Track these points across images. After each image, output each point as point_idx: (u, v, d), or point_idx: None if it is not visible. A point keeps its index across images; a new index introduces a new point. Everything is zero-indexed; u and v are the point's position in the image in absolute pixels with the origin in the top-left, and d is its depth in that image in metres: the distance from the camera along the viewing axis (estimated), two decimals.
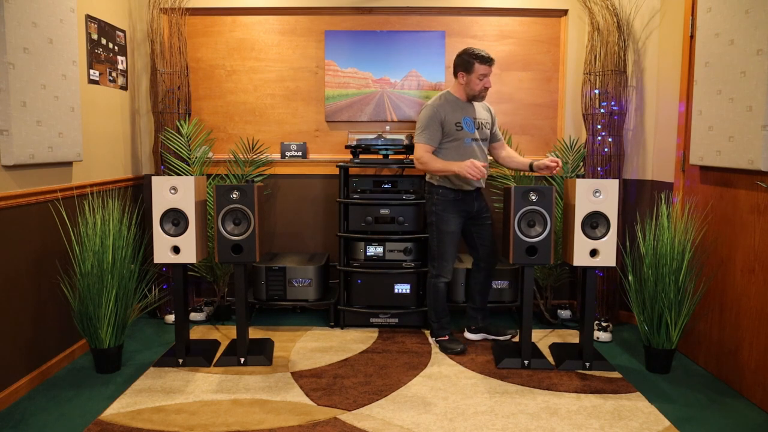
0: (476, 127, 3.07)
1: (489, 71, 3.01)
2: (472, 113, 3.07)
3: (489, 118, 3.17)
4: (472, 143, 3.05)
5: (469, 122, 3.05)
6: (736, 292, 2.67)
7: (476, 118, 3.08)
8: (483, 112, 3.14)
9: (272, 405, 2.47)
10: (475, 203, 3.15)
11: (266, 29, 3.83)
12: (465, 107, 3.06)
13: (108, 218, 2.79)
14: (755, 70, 2.41)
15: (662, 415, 2.40)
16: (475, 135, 3.06)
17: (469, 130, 3.04)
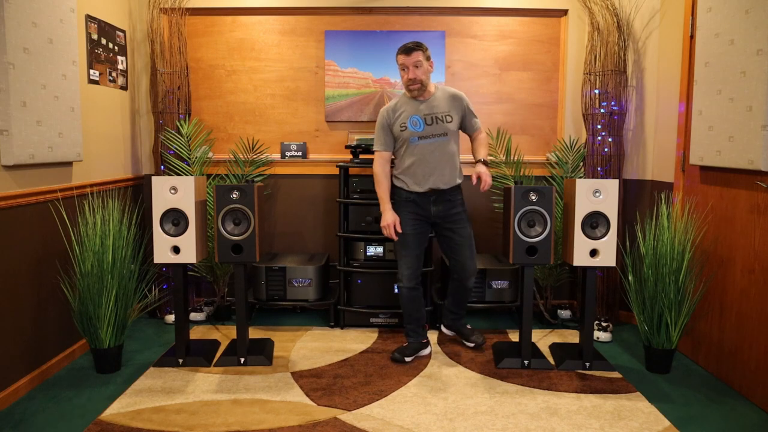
0: (427, 122, 2.85)
1: (408, 61, 2.77)
2: (422, 110, 2.85)
3: (452, 108, 2.88)
4: (420, 142, 2.84)
5: (415, 120, 2.84)
6: (736, 292, 2.67)
7: (428, 113, 2.85)
8: (442, 105, 2.88)
9: (272, 405, 2.47)
10: (432, 207, 2.90)
11: (266, 29, 3.83)
12: (414, 105, 2.86)
13: (108, 218, 2.79)
14: (755, 70, 2.41)
15: (662, 415, 2.40)
16: (422, 132, 2.83)
17: (415, 129, 2.84)
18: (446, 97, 2.90)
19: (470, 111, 2.94)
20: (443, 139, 2.85)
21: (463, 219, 2.94)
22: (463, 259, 2.93)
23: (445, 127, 2.85)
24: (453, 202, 2.91)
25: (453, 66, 3.84)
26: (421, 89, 2.82)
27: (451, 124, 2.86)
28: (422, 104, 2.86)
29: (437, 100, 2.88)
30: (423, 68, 2.79)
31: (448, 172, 2.87)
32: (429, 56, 2.84)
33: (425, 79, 2.82)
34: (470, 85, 3.85)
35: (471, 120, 2.95)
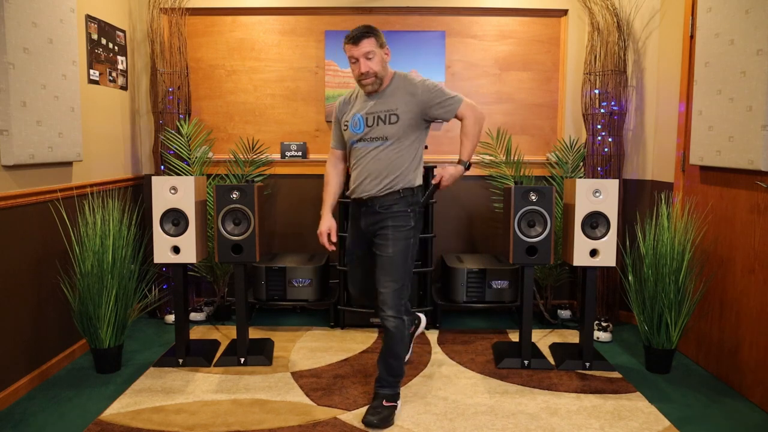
0: (368, 123, 2.37)
1: (357, 52, 2.31)
2: (368, 107, 2.39)
3: (402, 104, 2.35)
4: (358, 145, 2.40)
5: (357, 120, 2.40)
6: (736, 292, 2.67)
7: (371, 112, 2.37)
8: (391, 101, 2.37)
9: (272, 405, 2.47)
10: (362, 220, 2.47)
11: (266, 29, 3.83)
12: (362, 101, 2.44)
13: (108, 218, 2.79)
14: (755, 70, 2.41)
15: (662, 415, 2.40)
16: (361, 135, 2.39)
17: (354, 130, 2.41)
18: (400, 90, 2.38)
19: (435, 100, 2.36)
20: (382, 144, 2.35)
21: (388, 238, 2.36)
22: (379, 284, 2.36)
23: (384, 130, 2.34)
24: (382, 215, 2.39)
25: (453, 66, 3.84)
26: (376, 83, 2.36)
27: (394, 126, 2.33)
28: (372, 100, 2.40)
29: (388, 95, 2.38)
30: (377, 58, 2.32)
31: (383, 181, 2.36)
32: (383, 42, 2.37)
33: (380, 70, 2.34)
34: (470, 85, 3.85)
35: (441, 109, 2.38)
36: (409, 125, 2.36)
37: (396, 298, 2.33)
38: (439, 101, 2.36)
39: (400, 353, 2.39)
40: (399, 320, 2.33)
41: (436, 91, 2.36)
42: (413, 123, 2.37)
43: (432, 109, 2.37)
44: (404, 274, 2.36)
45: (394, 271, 2.34)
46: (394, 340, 2.34)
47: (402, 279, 2.35)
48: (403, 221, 2.39)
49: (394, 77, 2.42)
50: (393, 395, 2.39)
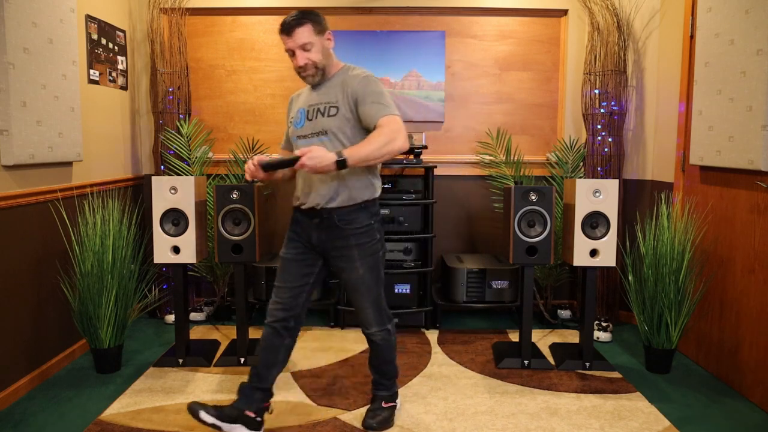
0: (308, 117, 2.14)
1: (292, 43, 2.05)
2: (310, 100, 2.16)
3: (341, 95, 2.10)
4: (299, 143, 2.16)
5: (299, 114, 2.18)
6: (736, 292, 2.67)
7: (312, 105, 2.14)
8: (332, 92, 2.12)
9: (272, 405, 2.47)
10: (313, 234, 2.15)
11: (266, 29, 3.83)
12: (308, 95, 2.20)
13: (108, 218, 2.79)
14: (755, 70, 2.41)
15: (662, 415, 2.40)
16: (302, 131, 2.15)
17: (296, 126, 2.19)
18: (341, 82, 2.12)
19: (366, 97, 2.05)
20: (323, 139, 2.09)
21: (353, 257, 2.14)
22: (356, 307, 2.23)
23: (324, 123, 2.09)
24: (342, 230, 2.12)
25: (453, 66, 3.84)
26: (318, 74, 2.10)
27: (334, 119, 2.08)
28: (314, 93, 2.17)
29: (331, 86, 2.13)
30: (315, 48, 2.06)
31: (336, 186, 2.09)
32: (324, 28, 2.09)
33: (320, 60, 2.07)
34: (470, 85, 3.85)
35: (367, 107, 2.04)
36: (344, 119, 2.08)
37: (377, 314, 2.22)
38: (371, 100, 2.04)
39: (392, 357, 2.32)
40: (385, 331, 2.25)
41: (373, 92, 2.05)
42: (349, 116, 2.09)
43: (360, 105, 2.06)
44: (379, 289, 2.22)
45: (369, 291, 2.19)
46: (385, 349, 2.27)
47: (378, 295, 2.22)
48: (368, 237, 2.16)
49: (341, 69, 2.16)
50: (391, 395, 2.36)
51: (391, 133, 1.98)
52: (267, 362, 2.19)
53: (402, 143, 1.99)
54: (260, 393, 2.19)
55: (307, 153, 1.89)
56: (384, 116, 2.01)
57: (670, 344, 2.82)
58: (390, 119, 2.01)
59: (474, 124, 3.87)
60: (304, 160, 1.89)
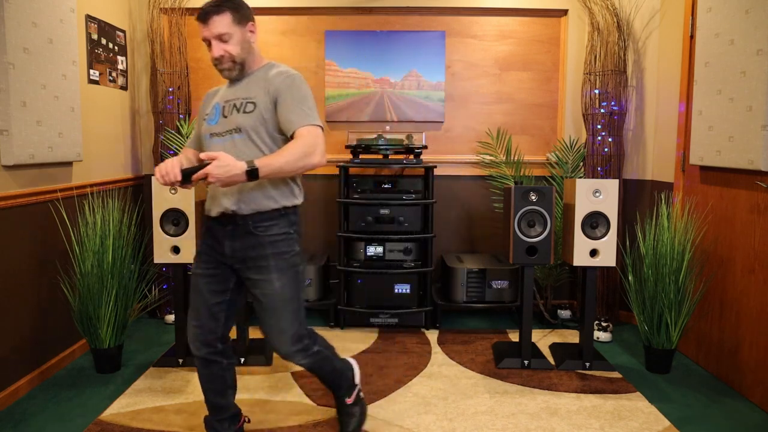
0: (224, 113, 1.93)
1: (208, 33, 1.86)
2: (227, 95, 1.97)
3: (261, 92, 1.90)
4: (212, 141, 1.94)
5: (214, 109, 1.97)
6: (736, 292, 2.67)
7: (229, 100, 1.94)
8: (250, 89, 1.93)
9: (272, 405, 2.47)
10: (227, 243, 1.92)
11: (266, 29, 3.83)
12: (225, 90, 2.01)
13: (108, 218, 2.79)
14: (755, 70, 2.41)
15: (662, 415, 2.40)
16: (215, 127, 1.94)
17: (210, 122, 1.97)
18: (264, 78, 1.93)
19: (288, 99, 1.87)
20: (236, 137, 1.89)
21: (269, 267, 1.89)
22: (265, 328, 1.94)
23: (238, 120, 1.89)
24: (258, 238, 1.88)
25: (453, 66, 3.84)
26: (236, 68, 1.92)
27: (250, 116, 1.88)
28: (232, 88, 1.98)
29: (252, 82, 1.94)
30: (235, 39, 1.87)
31: (251, 190, 1.87)
32: (246, 18, 1.90)
33: (239, 53, 1.89)
34: (470, 85, 3.85)
35: (286, 112, 1.86)
36: (270, 121, 1.89)
37: (297, 340, 1.93)
38: (293, 104, 1.86)
39: (333, 367, 2.09)
40: (310, 355, 1.98)
41: (297, 96, 1.88)
42: (266, 116, 1.89)
43: (280, 106, 1.87)
44: (297, 310, 1.94)
45: (287, 310, 1.90)
46: (321, 370, 2.05)
47: (298, 316, 1.93)
48: (287, 246, 1.91)
49: (265, 65, 1.98)
50: (349, 387, 2.19)
51: (310, 147, 1.81)
52: (217, 393, 2.06)
53: (320, 159, 1.84)
54: (227, 421, 2.10)
55: (215, 160, 1.69)
56: (305, 126, 1.84)
57: (670, 344, 2.82)
58: (311, 131, 1.84)
59: (474, 124, 3.87)
60: (210, 169, 1.69)
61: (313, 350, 1.99)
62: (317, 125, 1.87)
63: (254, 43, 1.95)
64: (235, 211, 1.88)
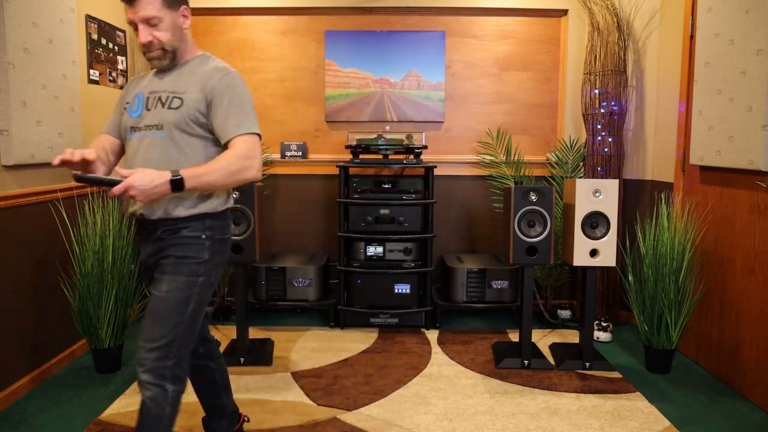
0: (147, 105, 1.74)
1: (134, 15, 1.66)
2: (153, 85, 1.77)
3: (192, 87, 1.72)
4: (133, 136, 1.74)
5: (137, 99, 1.77)
6: (736, 292, 2.67)
7: (154, 91, 1.74)
8: (180, 82, 1.74)
9: (272, 405, 2.47)
10: (142, 249, 1.81)
11: (266, 29, 3.83)
12: (152, 79, 1.80)
13: (108, 218, 2.79)
14: (755, 70, 2.42)
15: (662, 415, 2.40)
16: (136, 121, 1.74)
17: (131, 113, 1.77)
18: (198, 72, 1.75)
19: (225, 101, 1.69)
20: (158, 135, 1.70)
21: (166, 268, 1.70)
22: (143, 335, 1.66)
23: (162, 115, 1.70)
24: (164, 242, 1.73)
25: (453, 66, 3.84)
26: (166, 57, 1.73)
27: (174, 113, 1.69)
28: (161, 77, 1.78)
29: (184, 74, 1.76)
30: (165, 25, 1.68)
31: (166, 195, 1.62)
32: (178, 1, 1.72)
33: (169, 40, 1.70)
34: (470, 85, 3.85)
35: (222, 116, 1.70)
36: (197, 119, 1.71)
37: (160, 357, 1.63)
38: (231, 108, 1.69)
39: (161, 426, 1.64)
40: (159, 390, 1.62)
41: (236, 98, 1.71)
42: (202, 121, 1.71)
43: (215, 109, 1.70)
44: (178, 325, 1.66)
45: (163, 318, 1.65)
46: (147, 418, 1.62)
47: (173, 331, 1.65)
48: (193, 251, 1.71)
49: (200, 57, 1.81)
50: None
51: (246, 160, 1.66)
52: (211, 395, 2.01)
53: (255, 174, 1.68)
54: (225, 420, 2.06)
55: (131, 181, 1.51)
56: (242, 135, 1.68)
57: (670, 344, 2.82)
58: (248, 141, 1.68)
59: (474, 124, 3.87)
60: (132, 180, 1.51)
61: (165, 386, 1.63)
62: (255, 133, 1.71)
63: (187, 30, 1.78)
64: (144, 215, 1.71)
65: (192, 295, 1.70)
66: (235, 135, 1.68)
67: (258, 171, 1.70)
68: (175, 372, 1.67)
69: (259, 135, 1.73)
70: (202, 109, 1.71)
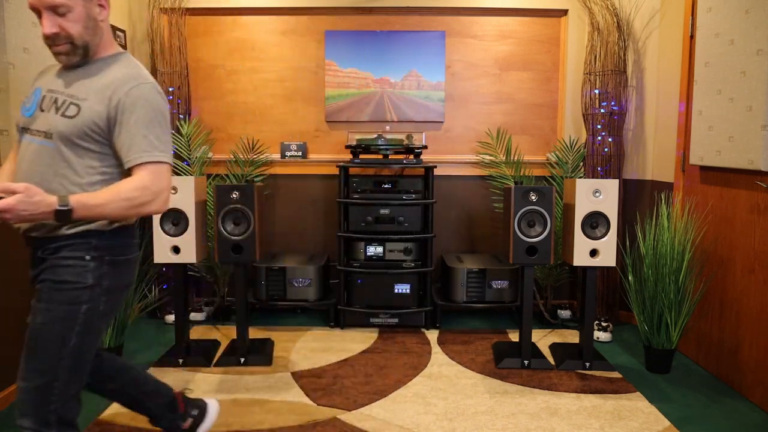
0: (42, 105, 1.51)
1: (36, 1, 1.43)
2: (55, 82, 1.54)
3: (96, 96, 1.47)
4: (24, 138, 1.53)
5: (36, 95, 1.54)
6: (736, 292, 2.67)
7: (54, 90, 1.52)
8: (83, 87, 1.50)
9: (272, 405, 2.47)
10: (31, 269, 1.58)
11: (266, 29, 3.83)
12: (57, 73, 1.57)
13: None
14: (755, 70, 2.42)
15: (662, 415, 2.40)
16: (28, 121, 1.52)
17: (24, 111, 1.55)
18: (108, 76, 1.50)
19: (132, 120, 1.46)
20: (46, 144, 1.47)
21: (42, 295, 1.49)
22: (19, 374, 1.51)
23: (54, 122, 1.47)
24: (45, 262, 1.52)
25: (453, 66, 3.84)
26: (75, 53, 1.49)
27: (68, 123, 1.46)
28: (65, 74, 1.54)
29: (88, 76, 1.52)
30: (75, 15, 1.45)
31: None
32: None
33: (78, 34, 1.47)
34: (470, 85, 3.85)
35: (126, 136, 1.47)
36: (93, 134, 1.47)
37: (38, 399, 1.44)
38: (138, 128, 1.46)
39: None
40: None
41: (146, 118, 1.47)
42: (101, 133, 1.47)
43: (120, 127, 1.46)
44: (59, 362, 1.45)
45: (39, 355, 1.46)
46: None
47: (53, 370, 1.45)
48: (73, 275, 1.47)
49: (115, 57, 1.56)
50: None
51: (148, 194, 1.45)
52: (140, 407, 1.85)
53: (159, 207, 1.49)
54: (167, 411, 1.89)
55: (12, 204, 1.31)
56: (148, 164, 1.46)
57: (670, 344, 2.82)
58: (155, 171, 1.46)
59: (474, 124, 3.87)
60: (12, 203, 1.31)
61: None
62: (164, 162, 1.48)
63: (105, 23, 1.52)
64: (26, 232, 1.53)
65: (73, 327, 1.46)
66: (139, 163, 1.46)
67: (163, 205, 1.49)
68: (62, 416, 1.46)
69: (169, 164, 1.50)
70: (102, 124, 1.46)
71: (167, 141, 1.51)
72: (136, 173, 1.46)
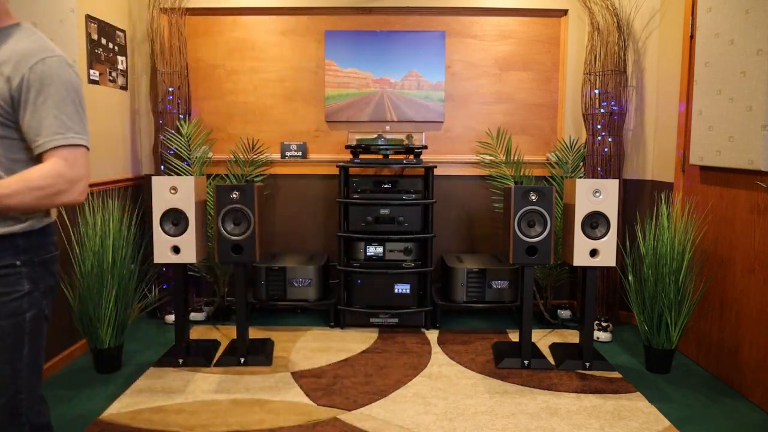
0: None
1: None
2: None
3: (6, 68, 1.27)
4: None
5: None
6: (736, 292, 2.67)
7: None
8: None
9: (272, 405, 2.47)
10: None
11: (266, 29, 3.83)
12: None
13: (108, 218, 2.79)
14: (755, 70, 2.42)
15: (662, 415, 2.40)
16: None
17: None
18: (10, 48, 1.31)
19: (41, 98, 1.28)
20: None
21: None
22: None
23: None
24: None
25: (453, 66, 3.84)
26: None
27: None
28: None
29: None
30: None
31: None
32: None
33: None
34: (470, 85, 3.85)
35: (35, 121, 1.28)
36: None
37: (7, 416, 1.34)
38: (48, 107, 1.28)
39: None
40: None
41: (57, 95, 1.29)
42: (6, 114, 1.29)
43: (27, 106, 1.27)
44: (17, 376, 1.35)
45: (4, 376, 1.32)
46: None
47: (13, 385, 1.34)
48: (8, 285, 1.34)
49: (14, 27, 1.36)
50: None
51: (64, 183, 1.29)
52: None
53: (77, 197, 1.32)
54: None
55: None
56: (61, 148, 1.29)
57: (670, 344, 2.82)
58: (71, 156, 1.30)
59: (474, 124, 3.87)
60: None
61: None
62: (80, 145, 1.31)
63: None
64: None
65: (22, 338, 1.35)
66: (51, 147, 1.28)
67: (81, 194, 1.32)
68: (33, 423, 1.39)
69: (86, 147, 1.32)
70: (5, 105, 1.27)
71: (82, 120, 1.33)
72: (49, 159, 1.28)
